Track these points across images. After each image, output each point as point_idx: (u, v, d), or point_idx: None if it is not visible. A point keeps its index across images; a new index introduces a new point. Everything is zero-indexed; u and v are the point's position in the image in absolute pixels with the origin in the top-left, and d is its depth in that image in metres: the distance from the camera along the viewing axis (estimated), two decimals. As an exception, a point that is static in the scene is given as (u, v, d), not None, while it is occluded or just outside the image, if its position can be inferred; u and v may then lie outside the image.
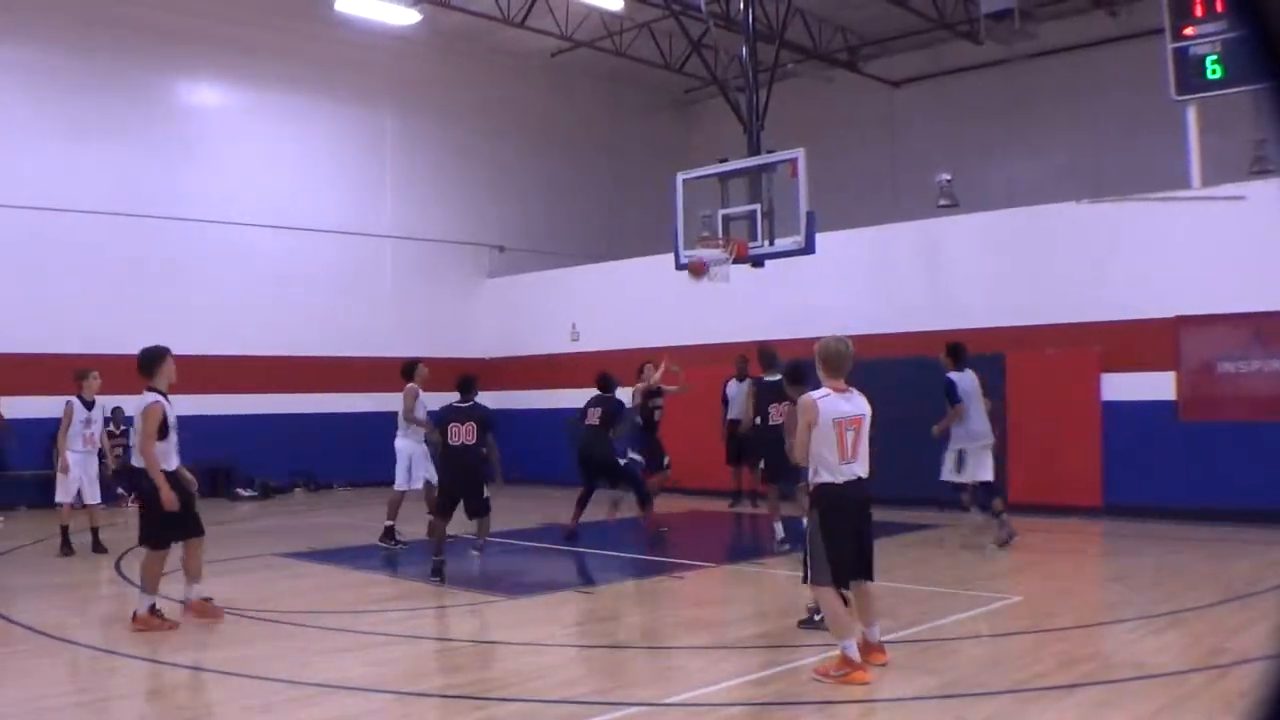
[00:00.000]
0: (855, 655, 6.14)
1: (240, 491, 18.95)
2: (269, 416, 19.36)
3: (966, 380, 11.72)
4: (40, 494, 15.12)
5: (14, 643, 7.75)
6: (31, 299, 17.35)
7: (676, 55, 22.82)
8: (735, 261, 14.57)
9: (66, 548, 12.12)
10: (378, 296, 21.69)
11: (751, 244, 14.54)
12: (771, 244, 14.48)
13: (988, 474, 11.69)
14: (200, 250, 19.21)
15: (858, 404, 6.40)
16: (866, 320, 15.63)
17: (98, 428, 12.50)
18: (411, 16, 19.78)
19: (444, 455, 10.67)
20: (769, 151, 14.99)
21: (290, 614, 8.46)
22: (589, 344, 20.48)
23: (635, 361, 14.93)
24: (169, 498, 7.81)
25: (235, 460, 18.92)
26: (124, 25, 18.56)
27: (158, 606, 8.03)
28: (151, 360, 8.11)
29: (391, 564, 11.54)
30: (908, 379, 13.63)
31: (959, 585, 9.39)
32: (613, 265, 21.19)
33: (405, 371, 12.62)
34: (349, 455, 19.53)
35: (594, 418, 12.92)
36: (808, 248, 14.07)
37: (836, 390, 6.36)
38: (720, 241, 14.63)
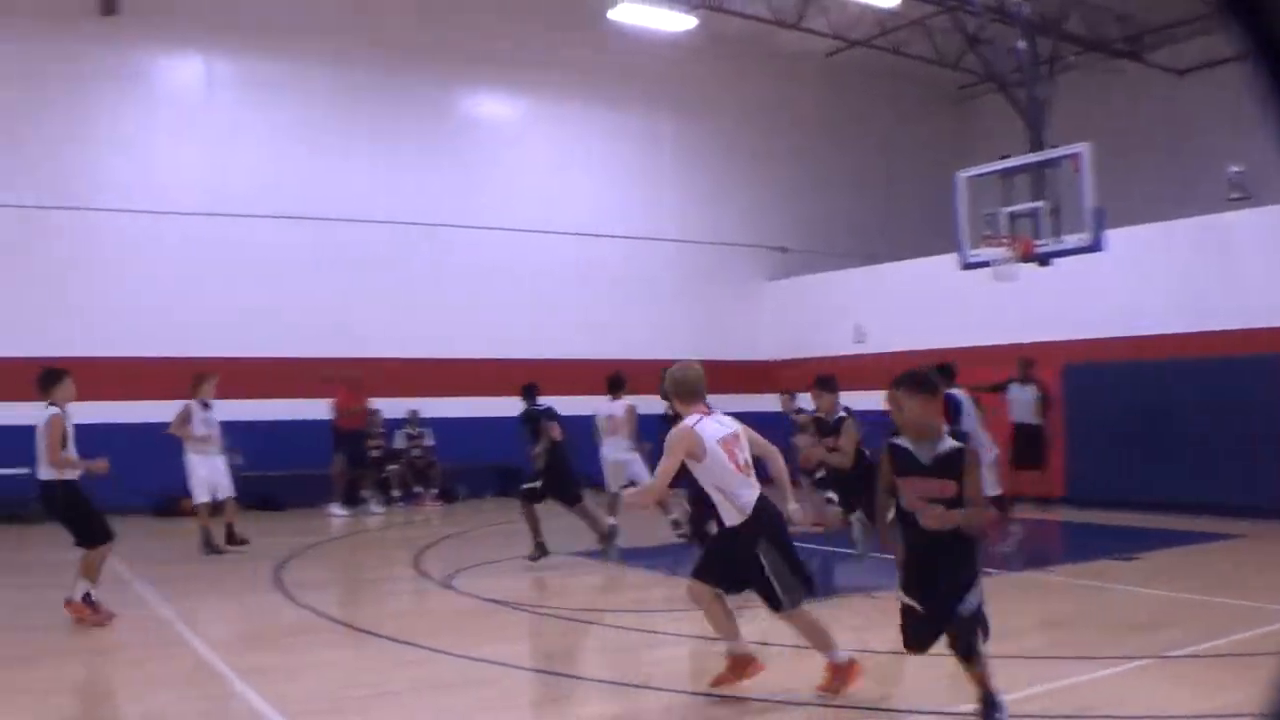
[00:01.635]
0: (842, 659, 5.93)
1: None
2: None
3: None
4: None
5: (316, 631, 8.35)
6: (332, 306, 18.79)
7: (952, 51, 22.36)
8: (1021, 260, 14.26)
9: (210, 547, 12.45)
10: (660, 300, 22.24)
11: (1037, 242, 14.17)
12: (1058, 241, 14.08)
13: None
14: (489, 257, 20.31)
15: (728, 422, 6.11)
16: (1156, 319, 14.92)
17: (217, 428, 13.11)
18: (687, 22, 20.17)
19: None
20: (1051, 146, 14.56)
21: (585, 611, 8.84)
22: (874, 346, 20.36)
23: (917, 363, 14.69)
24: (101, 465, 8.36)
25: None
26: (427, 50, 19.89)
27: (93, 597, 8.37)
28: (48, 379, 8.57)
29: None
30: (1210, 380, 12.98)
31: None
32: (894, 266, 20.96)
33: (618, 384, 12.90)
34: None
35: None
36: (1095, 245, 13.59)
37: (704, 414, 6.05)
38: (1005, 240, 14.33)
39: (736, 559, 5.92)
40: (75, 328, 16.48)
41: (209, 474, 12.74)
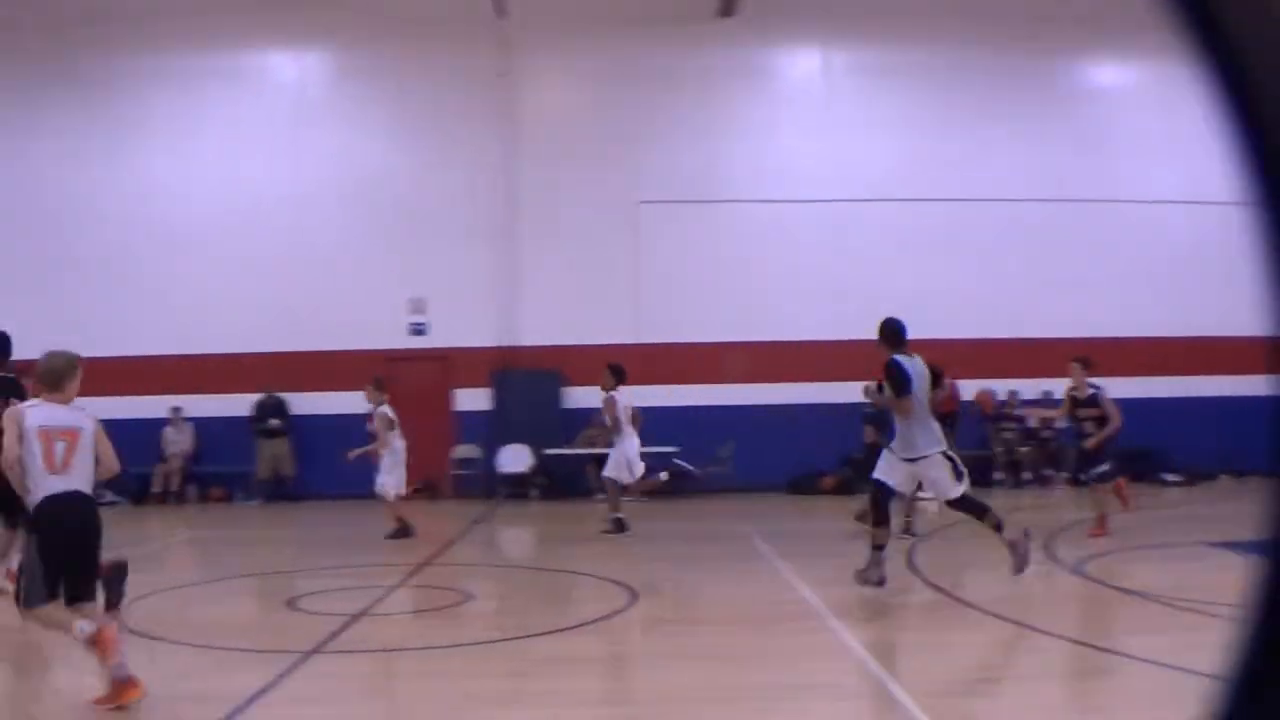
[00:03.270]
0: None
1: (1166, 477, 18.56)
2: (1192, 400, 18.65)
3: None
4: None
5: (944, 611, 8.45)
6: (962, 287, 18.53)
7: None
8: None
9: (402, 534, 13.03)
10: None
11: None
12: None
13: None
14: (1112, 230, 19.24)
15: (78, 416, 5.99)
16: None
17: None
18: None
19: None
20: None
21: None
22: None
23: None
24: None
25: (1161, 445, 18.48)
26: (1037, 22, 19.22)
27: None
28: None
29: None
30: None
31: None
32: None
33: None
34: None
35: None
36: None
37: (52, 402, 5.96)
38: None
39: None
40: (728, 313, 18.00)
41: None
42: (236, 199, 18.81)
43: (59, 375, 6.16)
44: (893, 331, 8.93)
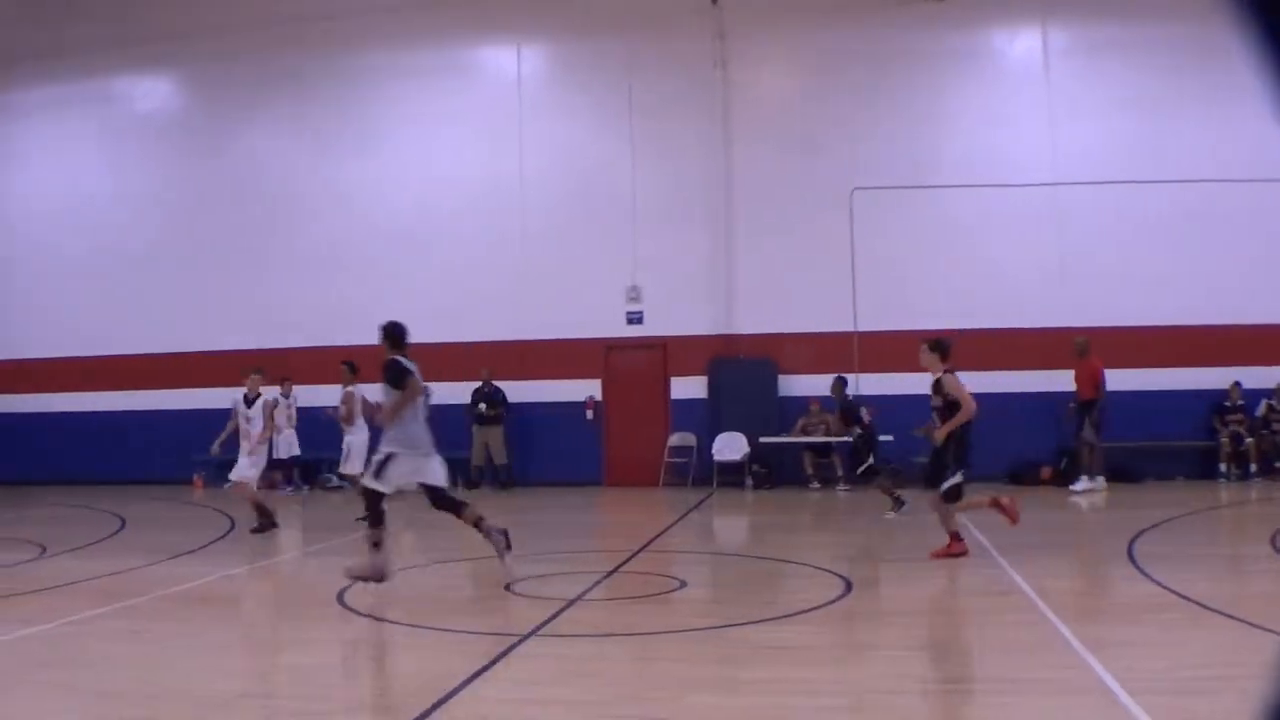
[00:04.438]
0: None
1: None
2: None
3: None
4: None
5: (1165, 608, 7.93)
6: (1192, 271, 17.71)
7: None
8: None
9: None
10: None
11: None
12: None
13: None
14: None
15: None
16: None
17: None
18: None
19: None
20: None
21: None
22: None
23: None
24: None
25: None
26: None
27: None
28: None
29: None
30: None
31: None
32: None
33: None
34: None
35: None
36: None
37: None
38: None
39: None
40: (945, 300, 17.66)
41: None
42: (456, 191, 19.56)
43: None
44: None
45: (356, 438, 14.56)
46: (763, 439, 18.03)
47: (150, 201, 21.16)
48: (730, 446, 18.21)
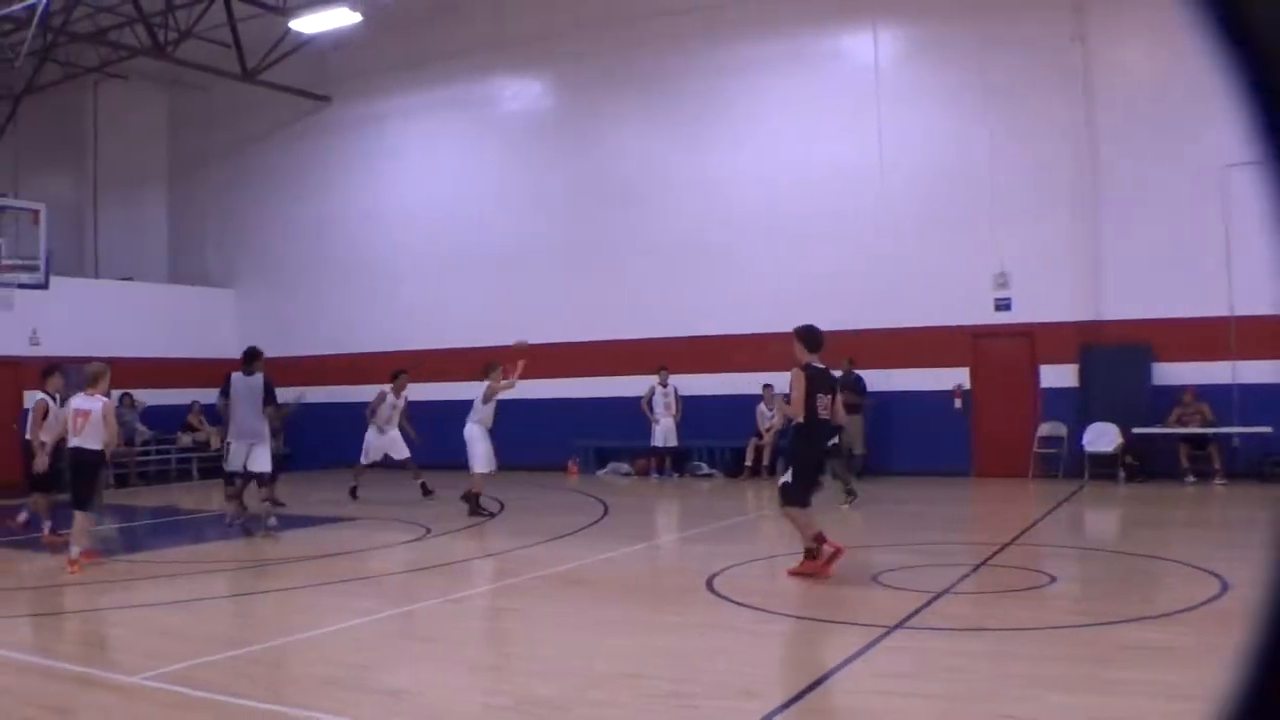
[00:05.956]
0: None
1: None
2: None
3: None
4: None
5: None
6: None
7: None
8: None
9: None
10: None
11: None
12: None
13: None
14: None
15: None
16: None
17: None
18: None
19: None
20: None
21: None
22: None
23: None
24: None
25: None
26: None
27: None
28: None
29: None
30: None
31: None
32: None
33: None
34: None
35: None
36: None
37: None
38: None
39: None
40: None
41: None
42: (815, 179, 19.81)
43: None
44: None
45: None
46: (1136, 430, 17.33)
47: (522, 199, 22.87)
48: (1102, 437, 17.58)
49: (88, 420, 10.85)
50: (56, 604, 9.75)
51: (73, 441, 11.01)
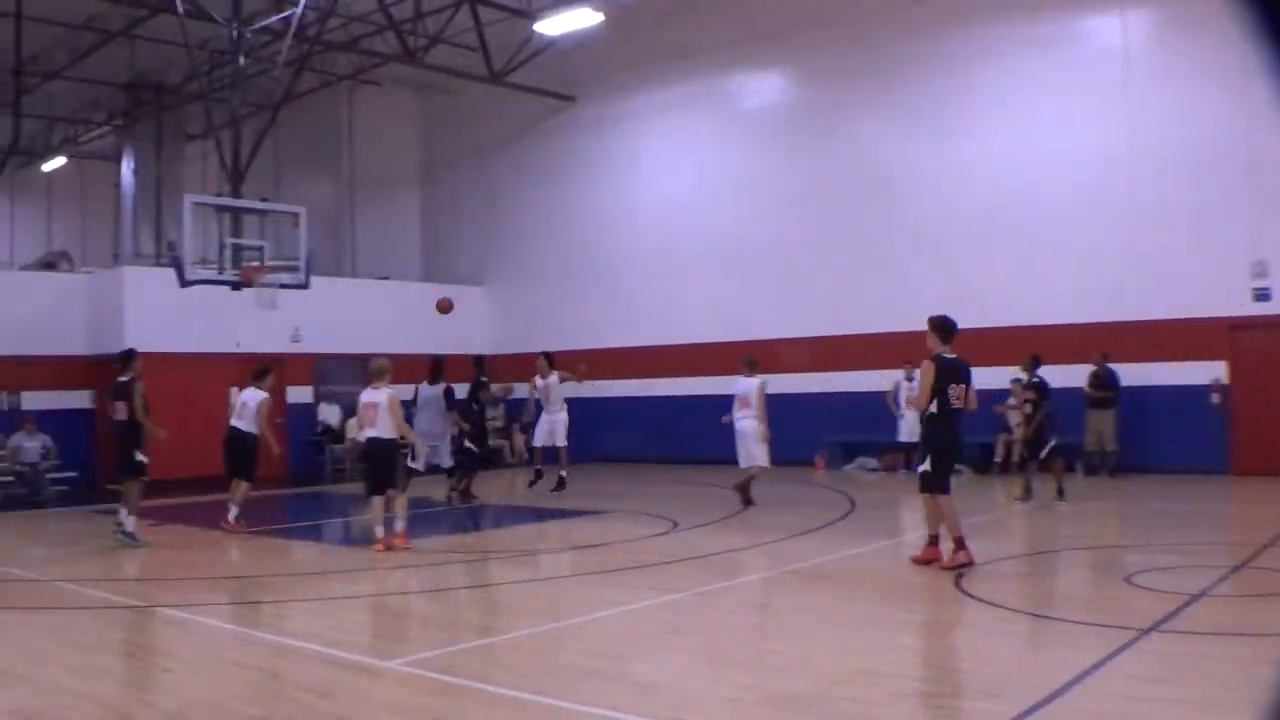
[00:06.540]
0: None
1: None
2: None
3: None
4: None
5: None
6: None
7: None
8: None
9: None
10: None
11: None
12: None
13: None
14: None
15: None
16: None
17: None
18: None
19: None
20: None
21: None
22: None
23: None
24: None
25: None
26: None
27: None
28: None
29: None
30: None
31: None
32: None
33: None
34: None
35: None
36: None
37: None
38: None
39: None
40: None
41: None
42: (1063, 166, 19.40)
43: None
44: None
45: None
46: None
47: (765, 192, 23.19)
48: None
49: (376, 412, 11.91)
50: (319, 590, 10.41)
51: (367, 432, 12.19)
